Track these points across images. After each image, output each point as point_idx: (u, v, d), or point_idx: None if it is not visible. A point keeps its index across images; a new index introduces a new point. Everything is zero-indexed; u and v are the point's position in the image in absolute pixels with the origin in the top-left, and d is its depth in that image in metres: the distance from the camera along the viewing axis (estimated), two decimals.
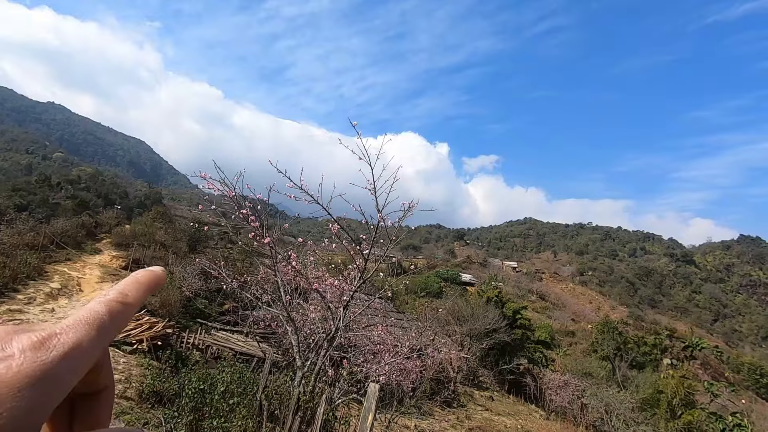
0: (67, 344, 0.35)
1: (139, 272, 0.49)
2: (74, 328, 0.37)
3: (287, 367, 9.11)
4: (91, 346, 0.37)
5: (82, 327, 0.37)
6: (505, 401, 23.50)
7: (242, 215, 5.22)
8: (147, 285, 0.47)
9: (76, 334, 0.36)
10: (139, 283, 0.46)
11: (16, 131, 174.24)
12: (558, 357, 40.75)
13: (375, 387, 3.44)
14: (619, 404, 21.41)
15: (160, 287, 0.52)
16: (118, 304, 0.41)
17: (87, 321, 0.38)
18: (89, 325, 0.37)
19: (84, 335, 0.36)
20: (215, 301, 18.98)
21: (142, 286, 0.46)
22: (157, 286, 0.50)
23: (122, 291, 0.43)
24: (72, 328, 0.37)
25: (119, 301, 0.42)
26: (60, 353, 0.34)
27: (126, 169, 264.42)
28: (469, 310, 27.16)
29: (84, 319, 0.38)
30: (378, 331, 10.06)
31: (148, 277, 0.48)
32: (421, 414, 15.08)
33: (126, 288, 0.44)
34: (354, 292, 5.29)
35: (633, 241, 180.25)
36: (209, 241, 37.40)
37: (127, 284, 0.45)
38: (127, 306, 0.42)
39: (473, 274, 70.09)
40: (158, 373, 7.85)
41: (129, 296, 0.43)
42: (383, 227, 4.98)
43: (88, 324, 0.38)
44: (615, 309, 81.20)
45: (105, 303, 0.41)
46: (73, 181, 67.74)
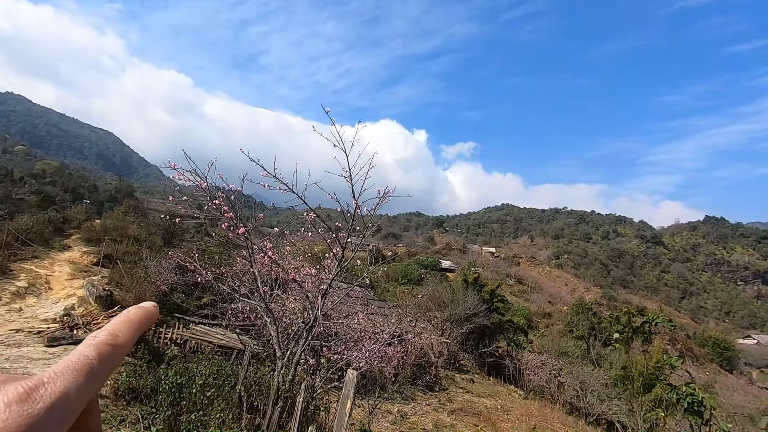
0: (55, 394, 0.34)
1: (131, 310, 0.47)
2: (62, 376, 0.36)
3: (268, 358, 9.07)
4: (80, 394, 0.36)
5: (70, 374, 0.36)
6: (486, 383, 24.09)
7: (215, 206, 5.09)
8: (138, 324, 0.46)
9: (63, 382, 0.35)
10: (131, 322, 0.45)
11: None
12: (535, 338, 41.94)
13: (353, 373, 3.45)
14: (593, 381, 22.24)
15: (153, 323, 0.50)
16: (107, 347, 0.40)
17: (75, 367, 0.37)
18: (78, 372, 0.36)
19: (72, 383, 0.35)
20: (193, 295, 18.63)
21: (133, 326, 0.45)
22: (150, 323, 0.48)
23: (112, 332, 0.42)
24: (60, 375, 0.36)
25: (109, 344, 0.40)
26: (47, 404, 0.33)
27: (94, 162, 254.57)
28: (449, 296, 27.57)
29: (72, 366, 0.37)
30: (358, 319, 10.10)
31: (140, 316, 0.46)
32: (403, 399, 15.31)
33: (116, 328, 0.43)
34: (332, 280, 5.27)
35: (606, 224, 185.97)
36: (185, 234, 36.54)
37: (118, 324, 0.44)
38: (117, 348, 0.41)
39: (453, 260, 71.06)
40: (133, 369, 7.67)
41: (120, 337, 0.42)
42: (359, 215, 4.95)
43: (76, 371, 0.36)
44: (589, 290, 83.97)
45: (94, 346, 0.40)
46: (37, 175, 64.84)
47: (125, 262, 20.60)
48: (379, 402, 11.48)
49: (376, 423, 10.67)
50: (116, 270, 19.37)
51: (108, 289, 14.75)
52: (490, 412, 16.99)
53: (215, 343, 12.56)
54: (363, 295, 18.55)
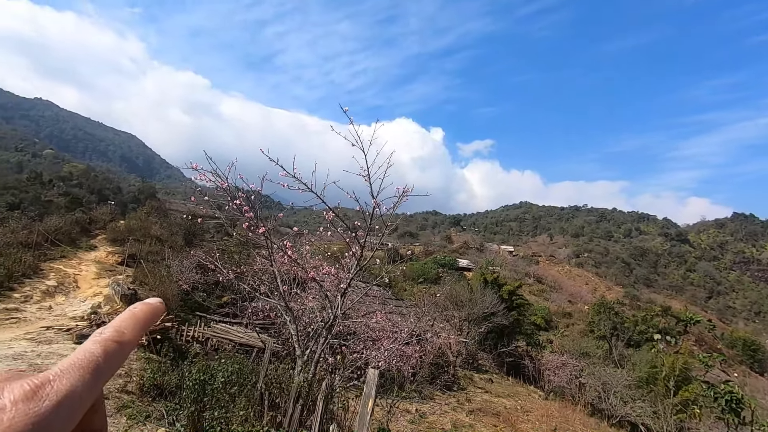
0: (61, 392, 0.34)
1: (137, 306, 0.47)
2: (68, 374, 0.36)
3: (287, 357, 9.16)
4: (86, 392, 0.36)
5: (76, 372, 0.36)
6: (505, 383, 23.84)
7: (236, 206, 5.16)
8: (144, 320, 0.46)
9: (69, 380, 0.35)
10: (137, 318, 0.45)
11: (4, 128, 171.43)
12: (555, 338, 41.28)
13: (374, 373, 3.44)
14: (616, 382, 21.77)
15: (158, 319, 0.50)
16: (113, 344, 0.40)
17: (81, 365, 0.37)
18: (84, 369, 0.36)
19: (78, 380, 0.35)
20: (214, 294, 18.96)
21: (139, 322, 0.45)
22: (155, 318, 0.48)
23: (118, 328, 0.42)
24: (66, 373, 0.36)
25: (115, 341, 0.40)
26: (53, 402, 0.33)
27: (118, 164, 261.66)
28: (467, 295, 27.36)
29: (78, 363, 0.37)
30: (377, 318, 10.11)
31: (146, 312, 0.46)
32: (421, 398, 15.28)
33: (122, 325, 0.43)
34: (351, 279, 5.28)
35: (628, 222, 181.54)
36: (205, 234, 37.23)
37: (124, 320, 0.44)
38: (123, 345, 0.41)
39: (470, 259, 70.46)
40: (158, 366, 7.86)
41: (126, 334, 0.42)
42: (378, 214, 4.95)
43: (82, 368, 0.36)
44: (611, 289, 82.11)
45: (101, 343, 0.39)
46: (65, 178, 67.05)
47: (148, 262, 21.11)
48: (398, 401, 11.48)
49: (394, 422, 10.67)
50: (140, 269, 19.87)
51: (132, 288, 15.14)
52: (510, 413, 16.81)
53: (236, 342, 12.76)
54: (380, 294, 18.57)
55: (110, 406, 6.08)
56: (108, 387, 6.78)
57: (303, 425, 4.86)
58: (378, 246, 5.25)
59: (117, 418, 5.74)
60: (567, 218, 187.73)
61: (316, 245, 9.50)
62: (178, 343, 11.15)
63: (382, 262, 6.30)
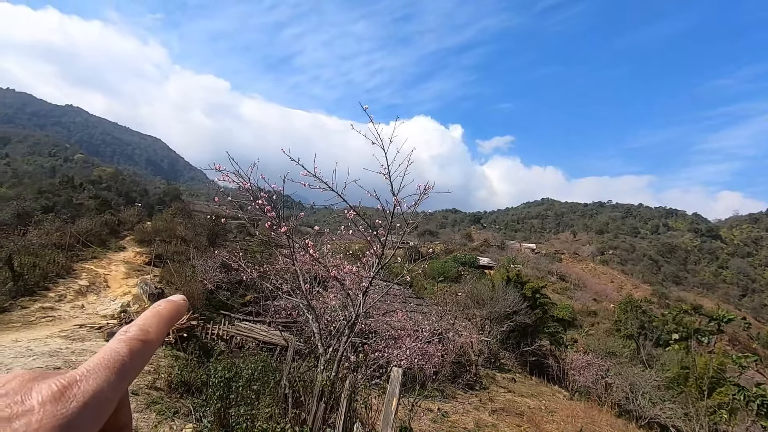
0: (88, 392, 0.34)
1: (161, 303, 0.47)
2: (95, 373, 0.36)
3: (309, 355, 9.24)
4: (112, 392, 0.36)
5: (102, 371, 0.36)
6: (528, 383, 23.48)
7: (258, 206, 5.23)
8: (169, 318, 0.46)
9: (96, 380, 0.35)
10: (161, 316, 0.45)
11: (38, 135, 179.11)
12: (580, 337, 40.42)
13: (398, 371, 3.43)
14: (644, 383, 21.14)
15: (182, 317, 0.50)
16: (138, 343, 0.40)
17: (107, 364, 0.37)
18: (110, 369, 0.37)
19: (104, 381, 0.36)
20: (237, 293, 19.33)
21: (163, 320, 0.45)
22: (180, 316, 0.48)
23: (143, 327, 0.42)
24: (92, 373, 0.36)
25: (140, 339, 0.41)
26: (80, 404, 0.33)
27: (144, 167, 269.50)
28: (488, 293, 27.05)
29: (104, 362, 0.37)
30: (398, 317, 10.10)
31: (170, 310, 0.47)
32: (443, 397, 15.18)
33: (147, 323, 0.43)
34: (372, 278, 5.27)
35: (655, 217, 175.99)
36: (228, 234, 37.97)
37: (148, 318, 0.44)
38: (148, 343, 0.41)
39: (491, 257, 69.73)
40: (185, 363, 8.05)
41: (150, 332, 0.42)
42: (399, 212, 4.93)
43: (108, 368, 0.37)
44: (638, 287, 79.84)
45: (126, 342, 0.40)
46: (94, 181, 69.49)
47: (174, 262, 21.67)
48: (420, 400, 11.44)
49: (417, 421, 10.64)
50: (166, 269, 20.41)
51: (159, 287, 15.56)
52: (534, 413, 16.54)
53: (259, 340, 12.96)
54: (401, 293, 18.55)
55: (140, 401, 6.27)
56: (138, 383, 6.98)
57: (326, 423, 4.89)
58: (399, 244, 5.23)
59: (147, 413, 5.91)
60: (591, 215, 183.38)
61: (337, 244, 9.55)
62: (204, 340, 11.40)
63: (403, 260, 6.28)
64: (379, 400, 8.42)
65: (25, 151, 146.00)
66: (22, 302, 14.03)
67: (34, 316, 12.90)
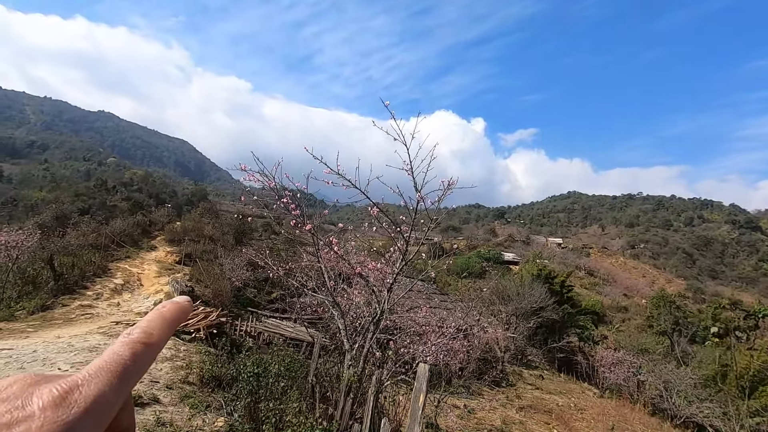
0: (89, 397, 0.33)
1: (165, 305, 0.46)
2: (96, 378, 0.35)
3: (335, 351, 9.36)
4: (114, 396, 0.35)
5: (104, 376, 0.36)
6: (556, 380, 23.05)
7: (283, 204, 5.31)
8: (172, 320, 0.45)
9: (98, 385, 0.35)
10: (164, 319, 0.44)
11: (74, 140, 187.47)
12: (610, 334, 39.34)
13: (425, 368, 3.42)
14: (679, 381, 20.40)
15: (186, 318, 0.49)
16: (141, 346, 0.40)
17: (109, 368, 0.36)
18: (112, 373, 0.36)
19: (106, 385, 0.35)
20: (263, 290, 19.71)
21: (166, 322, 0.44)
22: (184, 318, 0.47)
23: (147, 329, 0.42)
24: (94, 377, 0.35)
25: (143, 342, 0.40)
26: (81, 409, 0.32)
27: (173, 169, 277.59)
28: (514, 289, 26.64)
29: (107, 366, 0.36)
30: (423, 313, 10.09)
31: (173, 312, 0.46)
32: (469, 394, 15.08)
33: (150, 326, 0.42)
34: (397, 274, 5.28)
35: (689, 209, 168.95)
36: (254, 233, 38.75)
37: (152, 321, 0.43)
38: (151, 346, 0.41)
39: (516, 252, 68.61)
40: (216, 359, 8.29)
41: (154, 335, 0.42)
42: (422, 208, 4.91)
43: (110, 372, 0.36)
44: (671, 282, 77.02)
45: (129, 345, 0.39)
46: (126, 183, 72.08)
47: (203, 260, 22.28)
48: (446, 396, 11.40)
49: (443, 417, 10.62)
50: (196, 268, 21.02)
51: (190, 285, 16.05)
52: (563, 411, 16.23)
53: (286, 336, 13.19)
54: (425, 289, 18.51)
55: (174, 395, 6.50)
56: (172, 377, 7.24)
57: (354, 418, 4.94)
58: (423, 240, 5.22)
59: (181, 407, 6.13)
60: (620, 207, 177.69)
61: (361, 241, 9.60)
62: (233, 337, 11.69)
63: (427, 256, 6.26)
64: (404, 396, 8.44)
65: (62, 156, 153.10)
66: (63, 300, 14.74)
67: (74, 314, 13.54)
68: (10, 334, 10.16)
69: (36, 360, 7.16)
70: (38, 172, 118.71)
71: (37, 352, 7.69)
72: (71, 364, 7.06)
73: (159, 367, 7.59)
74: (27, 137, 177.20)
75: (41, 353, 7.59)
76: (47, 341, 8.78)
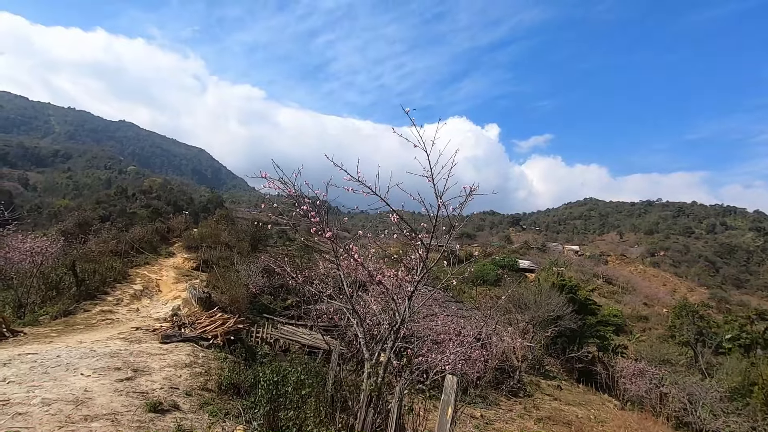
0: None
1: None
2: None
3: (352, 359, 9.30)
4: None
5: None
6: (575, 390, 22.50)
7: (303, 211, 5.32)
8: None
9: None
10: None
11: (95, 150, 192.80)
12: (630, 344, 38.34)
13: (453, 379, 3.35)
14: (704, 393, 19.71)
15: None
16: None
17: None
18: None
19: None
20: (279, 297, 19.78)
21: None
22: None
23: None
24: None
25: None
26: None
27: (190, 177, 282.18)
28: (531, 297, 26.21)
29: None
30: (440, 321, 9.97)
31: None
32: (486, 404, 14.82)
33: None
34: (418, 283, 5.23)
35: (711, 216, 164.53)
36: (269, 239, 39.08)
37: None
38: None
39: (532, 259, 67.71)
40: (234, 366, 8.31)
41: None
42: (443, 215, 4.86)
43: None
44: (693, 291, 74.90)
45: None
46: (145, 191, 73.56)
47: (220, 267, 22.51)
48: (463, 406, 11.21)
49: (461, 426, 10.43)
50: (213, 274, 21.24)
51: (207, 292, 16.21)
52: (582, 422, 15.80)
53: (303, 343, 13.18)
54: (441, 297, 18.34)
55: (194, 402, 6.52)
56: (191, 384, 7.28)
57: (374, 429, 4.88)
58: (445, 247, 5.16)
59: (200, 414, 6.14)
60: (638, 214, 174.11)
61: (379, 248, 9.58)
62: (250, 344, 11.73)
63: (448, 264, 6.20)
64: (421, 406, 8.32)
65: (84, 165, 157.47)
66: (85, 305, 15.03)
67: (95, 319, 13.79)
68: (35, 338, 10.38)
69: (59, 365, 7.28)
70: (62, 180, 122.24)
71: (61, 357, 7.82)
72: (93, 369, 7.15)
73: (179, 374, 7.64)
74: (51, 146, 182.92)
75: (64, 358, 7.72)
76: (70, 346, 8.93)
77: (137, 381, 6.86)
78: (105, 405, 5.62)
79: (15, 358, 7.63)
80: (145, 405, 5.78)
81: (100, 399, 5.80)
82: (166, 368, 7.84)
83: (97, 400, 5.73)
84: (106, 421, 5.12)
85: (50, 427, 4.74)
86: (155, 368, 7.73)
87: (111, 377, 6.83)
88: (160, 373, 7.47)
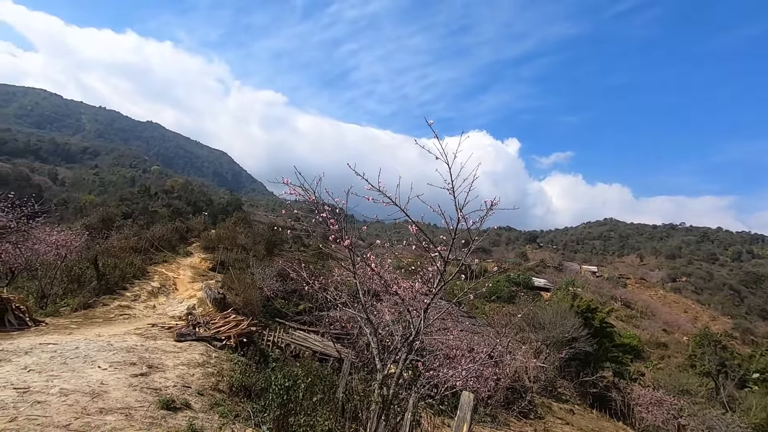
0: None
1: None
2: None
3: (362, 368, 9.26)
4: None
5: None
6: (588, 416, 21.82)
7: (322, 219, 5.37)
8: None
9: None
10: None
11: (122, 148, 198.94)
12: (648, 371, 37.12)
13: (470, 396, 3.31)
14: (725, 427, 18.89)
15: None
16: None
17: None
18: None
19: None
20: (291, 302, 19.88)
21: None
22: None
23: None
24: None
25: None
26: None
27: (211, 179, 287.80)
28: (547, 317, 25.69)
29: None
30: (452, 335, 9.86)
31: None
32: (496, 424, 14.49)
33: None
34: (435, 295, 5.20)
35: (737, 243, 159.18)
36: (284, 244, 39.43)
37: None
38: None
39: (548, 278, 66.54)
40: (245, 368, 8.35)
41: None
42: (463, 228, 4.84)
43: None
44: (716, 319, 72.26)
45: None
46: (167, 191, 75.34)
47: (235, 269, 22.80)
48: (473, 424, 10.99)
49: None
50: (228, 275, 21.51)
51: (222, 293, 16.40)
52: None
53: (314, 350, 13.18)
54: (454, 311, 18.15)
55: (205, 402, 6.57)
56: (203, 384, 7.34)
57: None
58: (463, 261, 5.13)
59: (211, 414, 6.17)
60: (660, 237, 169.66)
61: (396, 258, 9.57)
62: (262, 347, 11.79)
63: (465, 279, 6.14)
64: (430, 421, 8.20)
65: (110, 163, 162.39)
66: (104, 299, 15.38)
67: (113, 313, 14.08)
68: (55, 329, 10.66)
69: (78, 356, 7.44)
70: (89, 176, 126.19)
71: (79, 348, 8.00)
72: (110, 363, 7.29)
73: (192, 372, 7.72)
74: (81, 143, 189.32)
75: (83, 350, 7.89)
76: (88, 339, 9.13)
77: (151, 377, 6.95)
78: (119, 399, 5.71)
79: (36, 347, 7.83)
80: (157, 401, 5.85)
81: (115, 393, 5.90)
82: (179, 366, 7.94)
83: (112, 394, 5.83)
84: (120, 415, 5.20)
85: (67, 417, 4.84)
86: (169, 365, 7.83)
87: (126, 372, 6.94)
88: (173, 371, 7.57)
